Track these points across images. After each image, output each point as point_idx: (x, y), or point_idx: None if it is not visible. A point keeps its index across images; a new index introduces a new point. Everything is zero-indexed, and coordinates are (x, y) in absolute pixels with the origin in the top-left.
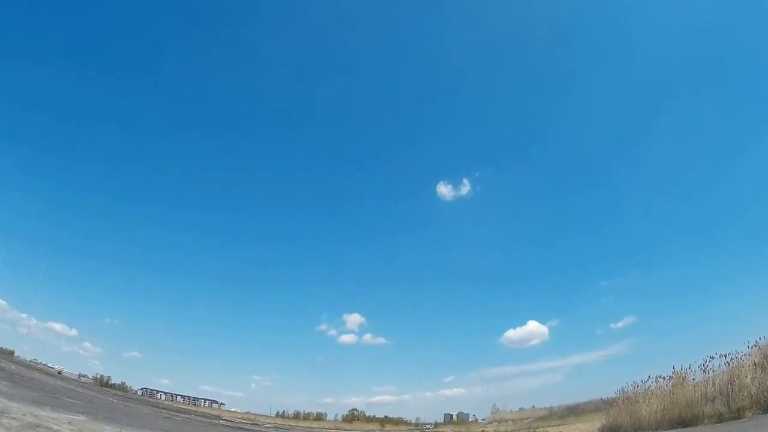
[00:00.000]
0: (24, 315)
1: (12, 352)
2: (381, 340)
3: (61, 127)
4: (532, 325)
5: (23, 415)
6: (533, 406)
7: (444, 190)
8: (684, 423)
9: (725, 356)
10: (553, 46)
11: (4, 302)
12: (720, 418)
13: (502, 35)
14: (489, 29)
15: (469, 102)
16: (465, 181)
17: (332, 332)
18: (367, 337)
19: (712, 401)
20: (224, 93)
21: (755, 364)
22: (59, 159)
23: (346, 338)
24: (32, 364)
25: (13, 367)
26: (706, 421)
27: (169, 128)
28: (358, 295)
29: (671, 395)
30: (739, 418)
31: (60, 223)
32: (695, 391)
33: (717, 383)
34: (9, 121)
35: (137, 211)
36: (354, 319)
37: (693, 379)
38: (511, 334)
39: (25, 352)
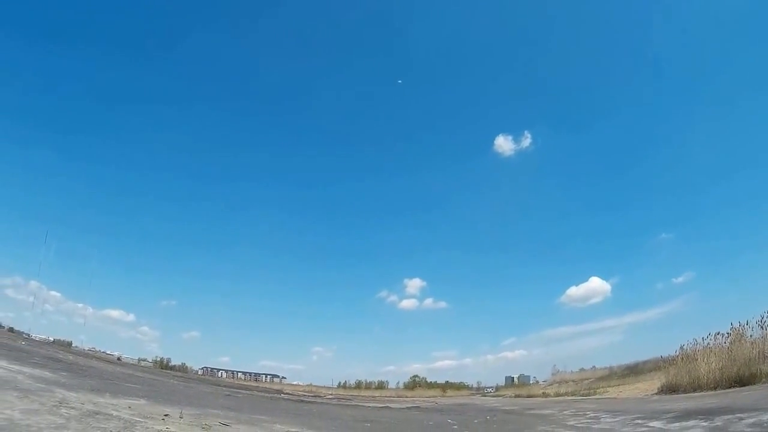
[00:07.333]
0: (80, 305)
1: (70, 343)
2: (442, 304)
3: (105, 109)
4: (595, 282)
5: (82, 403)
6: (593, 367)
7: (503, 143)
8: (742, 381)
9: None
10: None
11: (59, 294)
12: None
13: None
14: None
15: (539, 56)
16: (527, 133)
17: (392, 298)
18: (428, 301)
19: None
20: (274, 66)
21: None
22: (102, 141)
23: (407, 303)
24: (90, 352)
25: (71, 357)
26: (763, 379)
27: (217, 104)
28: (418, 260)
29: (729, 352)
30: None
31: (108, 207)
32: (753, 349)
33: None
34: (51, 106)
35: (189, 188)
36: (415, 283)
37: (750, 336)
38: (573, 291)
39: (82, 341)
